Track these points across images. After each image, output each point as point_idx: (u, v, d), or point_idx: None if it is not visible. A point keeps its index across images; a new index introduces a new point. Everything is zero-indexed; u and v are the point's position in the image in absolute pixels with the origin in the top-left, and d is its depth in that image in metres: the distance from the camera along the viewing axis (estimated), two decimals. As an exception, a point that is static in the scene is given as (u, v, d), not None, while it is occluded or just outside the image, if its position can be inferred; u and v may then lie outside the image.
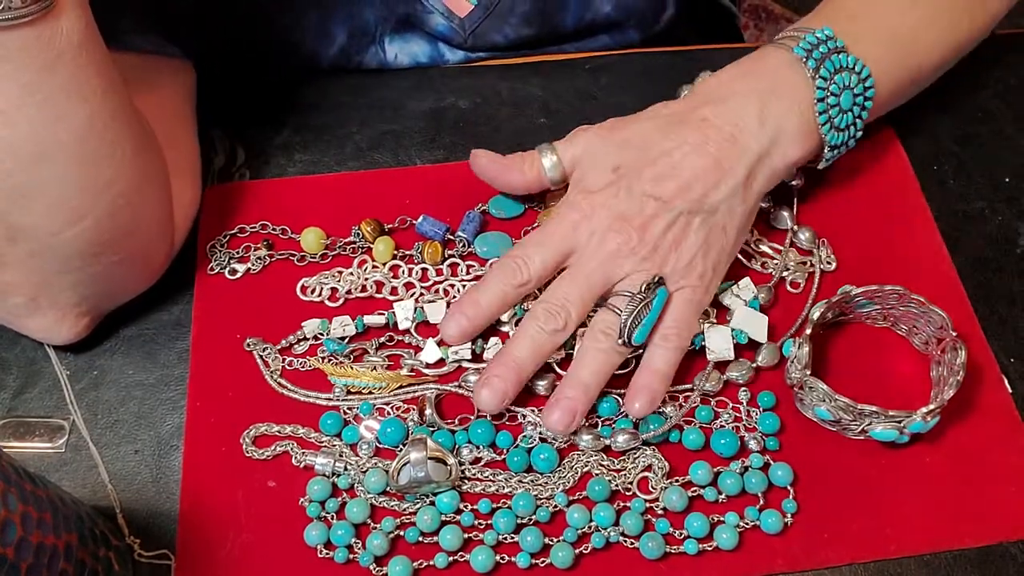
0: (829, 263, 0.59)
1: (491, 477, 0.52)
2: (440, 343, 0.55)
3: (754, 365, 0.55)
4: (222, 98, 0.66)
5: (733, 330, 0.55)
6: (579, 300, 0.53)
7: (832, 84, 0.55)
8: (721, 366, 0.55)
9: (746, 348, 0.55)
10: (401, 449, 0.52)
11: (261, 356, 0.55)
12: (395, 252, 0.59)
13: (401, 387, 0.54)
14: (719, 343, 0.54)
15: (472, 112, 0.67)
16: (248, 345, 0.56)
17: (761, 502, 0.51)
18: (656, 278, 0.52)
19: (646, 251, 0.53)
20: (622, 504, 0.51)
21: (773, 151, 0.55)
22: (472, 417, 0.54)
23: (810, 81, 0.55)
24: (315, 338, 0.56)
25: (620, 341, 0.52)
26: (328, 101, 0.67)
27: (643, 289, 0.52)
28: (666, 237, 0.53)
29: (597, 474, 0.52)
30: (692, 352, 0.55)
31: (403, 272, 0.59)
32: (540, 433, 0.53)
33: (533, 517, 0.50)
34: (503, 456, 0.52)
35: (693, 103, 0.57)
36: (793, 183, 0.61)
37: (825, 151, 0.57)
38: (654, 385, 0.52)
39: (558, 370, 0.55)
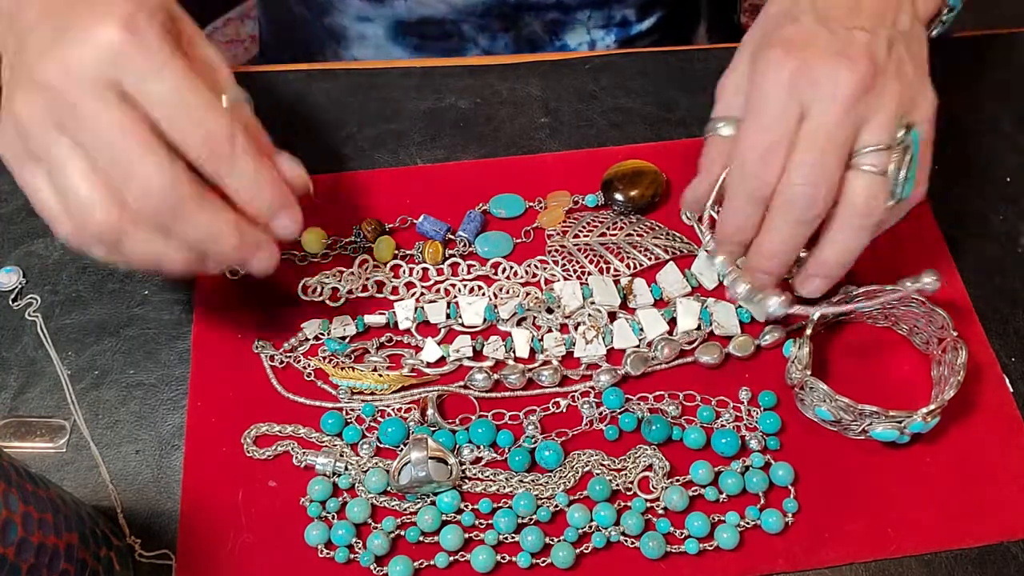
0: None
1: (492, 477, 0.52)
2: (440, 342, 0.55)
3: (757, 342, 0.55)
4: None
5: (737, 309, 0.56)
6: (834, 172, 0.46)
7: None
8: (723, 341, 0.56)
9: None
10: (402, 449, 0.52)
11: (269, 358, 0.55)
12: (396, 252, 0.59)
13: (404, 388, 0.54)
14: (726, 318, 0.55)
15: (472, 112, 0.67)
16: (257, 347, 0.55)
17: (762, 501, 0.51)
18: (903, 118, 0.47)
19: (880, 84, 0.46)
20: (623, 504, 0.51)
21: (917, 7, 0.51)
22: (473, 417, 0.54)
23: None
24: (316, 338, 0.56)
25: (891, 203, 0.47)
26: (328, 101, 0.67)
27: (901, 134, 0.47)
28: (891, 61, 0.47)
29: (598, 474, 0.52)
30: (695, 331, 0.56)
31: (404, 272, 0.59)
32: (541, 434, 0.53)
33: (534, 517, 0.50)
34: (504, 456, 0.52)
35: None
36: None
37: (944, 13, 0.55)
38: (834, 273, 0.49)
39: (559, 367, 0.55)
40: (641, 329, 0.56)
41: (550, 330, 0.56)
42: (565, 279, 0.58)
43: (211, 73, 0.45)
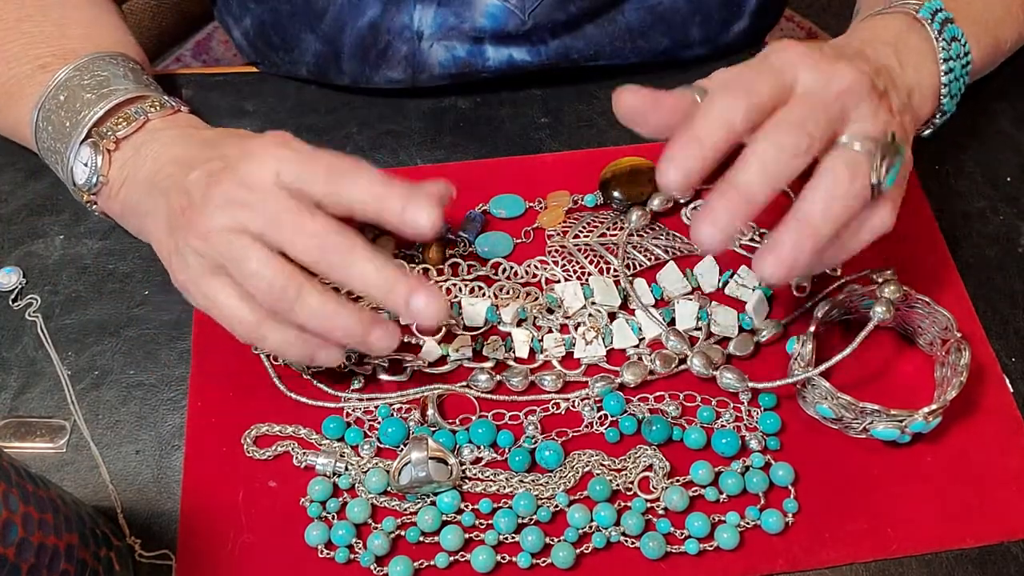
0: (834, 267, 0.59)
1: (492, 477, 0.52)
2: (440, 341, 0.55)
3: (756, 339, 0.55)
4: (221, 98, 0.66)
5: (740, 315, 0.56)
6: (825, 127, 0.45)
7: (951, 50, 0.54)
8: (723, 343, 0.56)
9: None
10: (402, 449, 0.52)
11: (271, 357, 0.55)
12: (396, 252, 0.59)
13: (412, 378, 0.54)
14: (725, 319, 0.55)
15: (472, 112, 0.67)
16: (257, 348, 0.55)
17: (762, 502, 0.51)
18: (893, 134, 0.47)
19: (876, 102, 0.47)
20: (623, 504, 0.51)
21: (912, 99, 0.53)
22: (473, 417, 0.54)
23: (934, 44, 0.54)
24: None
25: (873, 181, 0.45)
26: (328, 101, 0.67)
27: (892, 139, 0.46)
28: (885, 99, 0.48)
29: (598, 474, 0.52)
30: (694, 329, 0.56)
31: (404, 272, 0.59)
32: (541, 434, 0.53)
33: (534, 517, 0.50)
34: (504, 456, 0.52)
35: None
36: None
37: (937, 117, 0.56)
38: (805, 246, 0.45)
39: (559, 367, 0.55)
40: (640, 329, 0.56)
41: (550, 330, 0.56)
42: (565, 279, 0.58)
43: None
